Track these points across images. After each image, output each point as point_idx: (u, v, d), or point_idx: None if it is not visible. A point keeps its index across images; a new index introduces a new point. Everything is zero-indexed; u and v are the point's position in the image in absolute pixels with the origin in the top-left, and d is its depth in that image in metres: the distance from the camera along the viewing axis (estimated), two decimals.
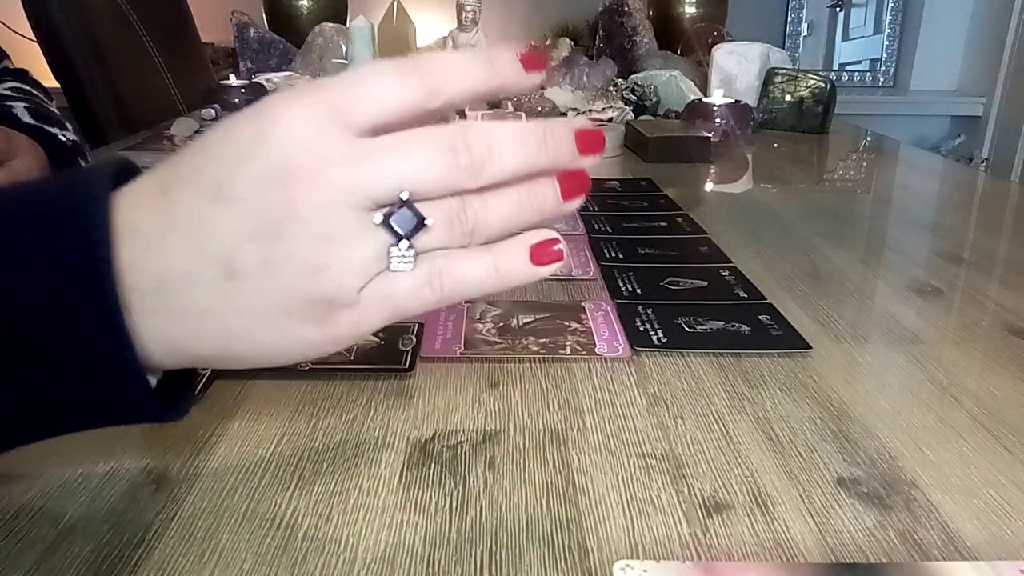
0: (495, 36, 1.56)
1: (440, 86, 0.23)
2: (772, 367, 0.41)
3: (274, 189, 0.22)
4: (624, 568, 0.25)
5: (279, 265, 0.23)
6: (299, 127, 0.23)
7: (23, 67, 0.80)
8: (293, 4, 1.92)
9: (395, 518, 0.29)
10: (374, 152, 0.23)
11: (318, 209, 0.22)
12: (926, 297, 0.51)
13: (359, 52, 1.35)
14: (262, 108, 0.23)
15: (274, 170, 0.22)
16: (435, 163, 0.23)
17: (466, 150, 0.23)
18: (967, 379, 0.40)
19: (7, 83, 0.73)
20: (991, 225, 0.72)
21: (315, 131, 0.23)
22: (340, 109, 0.23)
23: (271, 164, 0.22)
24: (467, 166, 0.23)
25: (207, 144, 0.24)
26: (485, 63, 0.24)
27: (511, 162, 0.24)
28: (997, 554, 0.27)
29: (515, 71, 0.24)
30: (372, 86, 0.23)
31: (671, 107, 1.26)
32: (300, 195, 0.22)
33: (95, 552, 0.26)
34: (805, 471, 0.32)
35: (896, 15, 2.48)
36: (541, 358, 0.41)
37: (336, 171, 0.22)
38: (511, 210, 0.25)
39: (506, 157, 0.24)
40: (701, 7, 1.93)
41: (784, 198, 0.82)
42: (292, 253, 0.22)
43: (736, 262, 0.57)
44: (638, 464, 0.32)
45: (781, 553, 0.27)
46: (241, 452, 0.32)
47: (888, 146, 1.18)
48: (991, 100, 2.30)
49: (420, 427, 0.35)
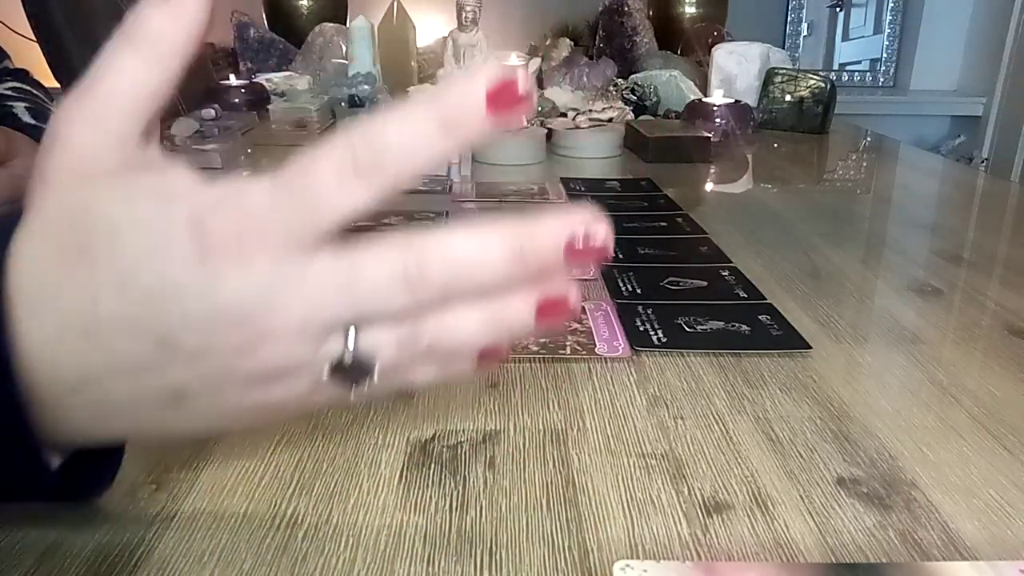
0: (495, 36, 1.56)
1: (392, 181, 0.21)
2: (772, 367, 0.41)
3: (224, 335, 0.21)
4: (624, 568, 0.25)
5: (226, 389, 0.23)
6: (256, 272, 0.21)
7: (23, 67, 0.80)
8: (293, 4, 1.92)
9: (395, 518, 0.29)
10: (326, 288, 0.21)
11: (270, 350, 0.22)
12: (926, 297, 0.51)
13: (359, 52, 1.35)
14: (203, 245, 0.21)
15: (224, 316, 0.21)
16: (388, 299, 0.21)
17: (422, 281, 0.21)
18: (967, 379, 0.40)
19: (8, 83, 0.73)
20: (991, 225, 0.72)
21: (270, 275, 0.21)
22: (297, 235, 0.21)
23: (220, 311, 0.21)
24: (425, 300, 0.22)
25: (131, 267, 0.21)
26: (438, 135, 0.21)
27: (477, 287, 0.22)
28: (997, 554, 0.27)
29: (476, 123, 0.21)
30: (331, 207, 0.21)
31: (671, 107, 1.26)
32: (252, 340, 0.21)
33: (95, 552, 0.26)
34: (805, 471, 0.32)
35: (896, 15, 2.48)
36: (541, 358, 0.41)
37: (290, 312, 0.21)
38: (472, 335, 0.23)
39: (472, 282, 0.22)
40: (701, 7, 1.92)
41: (784, 198, 0.82)
42: (244, 380, 0.22)
43: (736, 262, 0.57)
44: (638, 464, 0.32)
45: (781, 553, 0.27)
46: (241, 452, 0.32)
47: (888, 146, 1.18)
48: (991, 100, 2.30)
49: (420, 427, 0.35)
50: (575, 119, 1.05)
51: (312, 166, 0.21)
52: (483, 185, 0.82)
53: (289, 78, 1.44)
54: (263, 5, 1.95)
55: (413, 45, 1.50)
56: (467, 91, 0.21)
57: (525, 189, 0.80)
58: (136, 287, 0.21)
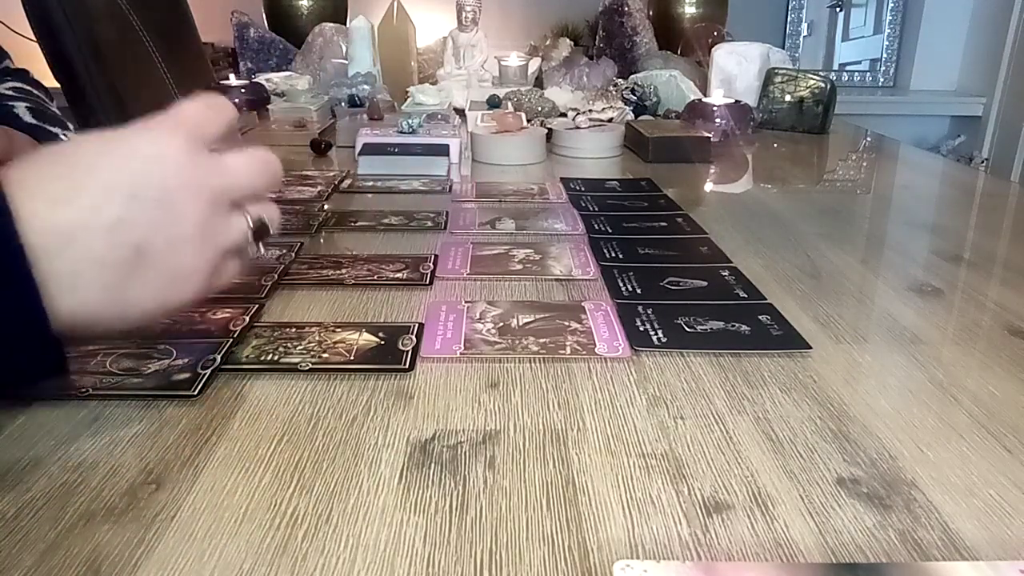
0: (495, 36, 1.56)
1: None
2: (772, 367, 0.41)
3: (178, 191, 0.31)
4: (624, 568, 0.25)
5: (179, 248, 0.32)
6: (181, 151, 0.32)
7: (23, 67, 0.80)
8: (293, 4, 1.92)
9: (395, 518, 0.29)
10: (228, 170, 0.34)
11: (204, 208, 0.32)
12: (926, 297, 0.51)
13: (359, 52, 1.35)
14: (150, 135, 0.32)
15: (176, 179, 0.32)
16: (262, 178, 0.36)
17: (275, 169, 0.37)
18: (967, 379, 0.40)
19: (8, 83, 0.73)
20: (991, 225, 0.72)
21: (192, 154, 0.33)
22: (197, 135, 0.33)
23: (175, 174, 0.31)
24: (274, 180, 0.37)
25: (104, 151, 0.31)
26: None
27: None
28: (997, 554, 0.27)
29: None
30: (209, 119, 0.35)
31: (671, 107, 1.26)
32: (191, 198, 0.32)
33: (95, 552, 0.26)
34: (805, 471, 0.32)
35: (896, 15, 2.48)
36: (541, 358, 0.41)
37: (211, 182, 0.33)
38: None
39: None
40: (701, 7, 1.92)
41: (784, 198, 0.82)
42: (191, 236, 0.32)
43: (736, 262, 0.57)
44: (638, 464, 0.32)
45: (781, 553, 0.27)
46: (241, 452, 0.32)
47: (888, 146, 1.18)
48: (991, 100, 2.31)
49: (420, 427, 0.35)
50: (575, 119, 1.05)
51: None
52: (483, 185, 0.82)
53: (289, 78, 1.44)
54: (263, 5, 1.96)
55: (413, 45, 1.50)
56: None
57: (525, 189, 0.80)
58: (105, 162, 0.30)
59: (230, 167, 0.34)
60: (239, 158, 0.35)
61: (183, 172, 0.32)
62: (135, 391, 0.37)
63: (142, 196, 0.30)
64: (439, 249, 0.59)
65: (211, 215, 0.33)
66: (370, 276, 0.53)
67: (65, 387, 0.33)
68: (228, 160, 0.34)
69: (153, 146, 0.31)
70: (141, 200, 0.30)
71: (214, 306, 0.46)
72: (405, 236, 0.64)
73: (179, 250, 0.31)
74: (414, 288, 0.51)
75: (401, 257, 0.57)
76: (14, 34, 1.64)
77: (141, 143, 0.31)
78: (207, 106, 0.35)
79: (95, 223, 0.29)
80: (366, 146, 0.89)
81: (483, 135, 0.96)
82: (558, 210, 0.71)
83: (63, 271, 0.28)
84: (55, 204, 0.28)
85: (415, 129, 0.94)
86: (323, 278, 0.53)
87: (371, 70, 1.34)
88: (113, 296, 0.30)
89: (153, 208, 0.30)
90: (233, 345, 0.42)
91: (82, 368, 0.39)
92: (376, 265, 0.55)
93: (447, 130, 0.97)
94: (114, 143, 0.31)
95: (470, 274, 0.54)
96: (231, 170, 0.34)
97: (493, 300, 0.49)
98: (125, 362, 0.39)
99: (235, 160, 0.35)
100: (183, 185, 0.31)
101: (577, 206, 0.72)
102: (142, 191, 0.30)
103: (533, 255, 0.58)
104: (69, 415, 0.35)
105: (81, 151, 0.31)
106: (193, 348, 0.41)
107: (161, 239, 0.31)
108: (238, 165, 0.35)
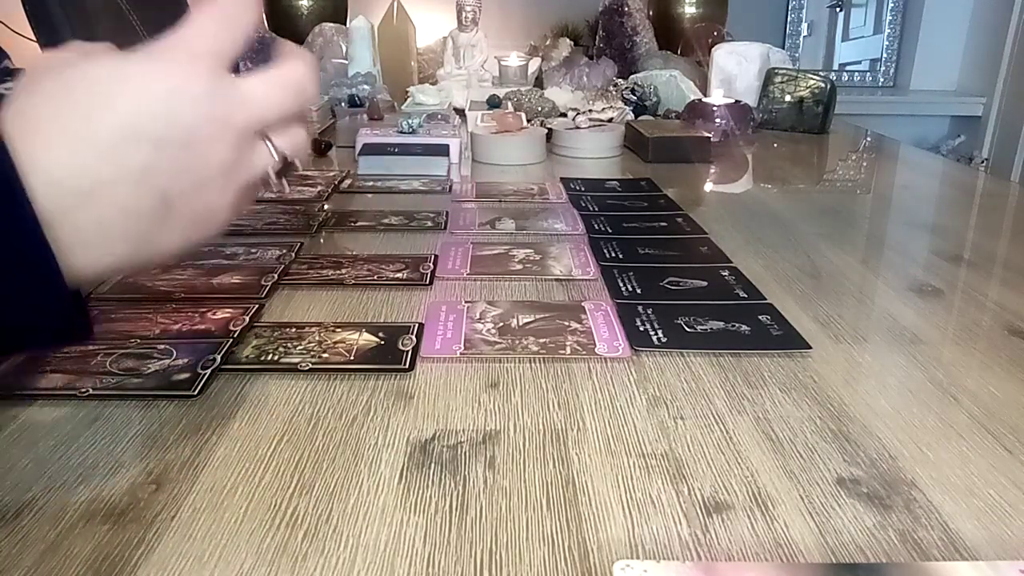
0: (495, 36, 1.56)
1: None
2: (772, 367, 0.41)
3: (201, 129, 0.29)
4: (624, 568, 0.25)
5: (203, 188, 0.30)
6: (203, 85, 0.29)
7: (23, 67, 0.80)
8: (293, 4, 1.92)
9: (395, 518, 0.29)
10: (254, 100, 0.31)
11: (229, 146, 0.30)
12: (926, 297, 0.51)
13: (359, 52, 1.35)
14: (168, 69, 0.29)
15: (200, 118, 0.29)
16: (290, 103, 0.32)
17: (305, 88, 0.33)
18: (967, 379, 0.40)
19: (8, 83, 0.73)
20: (991, 225, 0.72)
21: (215, 87, 0.29)
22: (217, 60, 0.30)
23: (198, 112, 0.29)
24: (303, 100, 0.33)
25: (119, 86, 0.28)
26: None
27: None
28: (997, 554, 0.27)
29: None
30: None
31: (671, 107, 1.26)
32: (218, 135, 0.29)
33: (95, 552, 0.26)
34: (805, 471, 0.32)
35: (896, 15, 2.48)
36: (541, 358, 0.41)
37: (236, 117, 0.30)
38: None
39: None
40: (701, 7, 1.92)
41: (784, 198, 0.82)
42: (215, 175, 0.30)
43: (736, 262, 0.57)
44: (638, 464, 0.32)
45: (781, 553, 0.27)
46: (241, 452, 0.32)
47: (888, 146, 1.18)
48: (991, 100, 2.30)
49: (420, 427, 0.35)
50: (575, 119, 1.05)
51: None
52: (483, 185, 0.82)
53: None
54: (263, 5, 1.95)
55: (413, 45, 1.50)
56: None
57: (525, 189, 0.80)
58: (124, 101, 0.27)
59: (256, 96, 0.31)
60: (265, 84, 0.32)
61: (206, 110, 0.29)
62: (135, 391, 0.37)
63: (166, 140, 0.28)
64: (439, 249, 0.59)
65: (236, 151, 0.31)
66: (370, 276, 0.53)
67: (87, 338, 0.30)
68: (254, 88, 0.31)
69: (173, 82, 0.28)
70: (166, 144, 0.28)
71: (214, 306, 0.46)
72: (405, 236, 0.64)
73: (204, 190, 0.30)
74: (414, 288, 0.51)
75: (401, 257, 0.57)
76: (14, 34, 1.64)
77: (159, 78, 0.28)
78: (224, 20, 0.31)
79: (120, 174, 0.27)
80: (366, 146, 0.89)
81: (483, 135, 0.96)
82: (558, 210, 0.71)
83: (86, 227, 0.27)
84: (73, 153, 0.26)
85: (415, 129, 0.94)
86: (323, 278, 0.53)
87: (371, 70, 1.34)
88: (138, 243, 0.29)
89: (178, 152, 0.28)
90: (233, 345, 0.42)
91: (82, 368, 0.39)
92: (376, 265, 0.55)
93: (447, 130, 0.97)
94: (129, 77, 0.28)
95: (470, 274, 0.54)
96: (257, 99, 0.31)
97: (493, 300, 0.49)
98: (125, 362, 0.39)
99: (261, 87, 0.31)
100: (209, 123, 0.29)
101: (577, 206, 0.72)
102: (166, 134, 0.28)
103: (533, 255, 0.58)
104: (69, 415, 0.35)
105: (91, 83, 0.27)
106: (193, 348, 0.41)
107: (186, 182, 0.29)
108: (264, 93, 0.31)
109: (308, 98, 0.33)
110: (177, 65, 0.29)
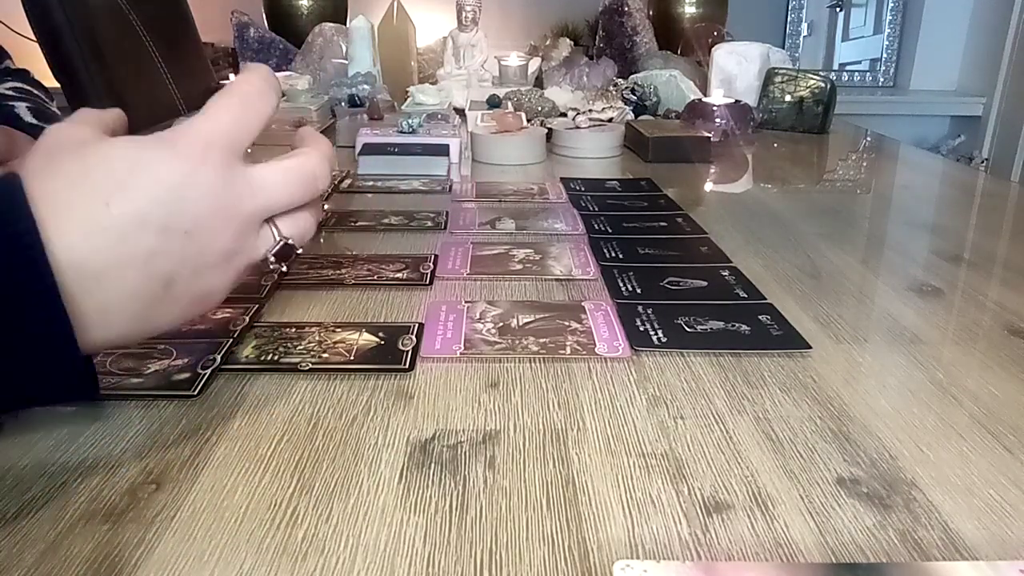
0: (495, 36, 1.56)
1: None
2: (772, 367, 0.41)
3: (207, 219, 0.30)
4: (624, 568, 0.25)
5: (204, 272, 0.31)
6: (213, 176, 0.30)
7: (23, 67, 0.80)
8: (293, 4, 1.92)
9: (395, 518, 0.29)
10: (264, 190, 0.32)
11: (234, 231, 0.31)
12: (926, 297, 0.51)
13: (359, 52, 1.35)
14: (182, 157, 0.30)
15: (207, 209, 0.30)
16: (300, 194, 0.34)
17: (315, 182, 0.34)
18: (967, 379, 0.40)
19: (8, 83, 0.73)
20: (991, 225, 0.72)
21: (225, 178, 0.31)
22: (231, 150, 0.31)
23: (208, 203, 0.30)
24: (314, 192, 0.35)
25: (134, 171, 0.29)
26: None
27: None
28: (997, 554, 0.27)
29: None
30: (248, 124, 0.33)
31: (671, 107, 1.26)
32: (223, 225, 0.31)
33: (95, 552, 0.26)
34: (805, 471, 0.32)
35: (896, 15, 2.48)
36: (541, 358, 0.41)
37: (243, 207, 0.32)
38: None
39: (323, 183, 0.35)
40: (701, 7, 1.93)
41: (784, 198, 0.82)
42: (215, 260, 0.31)
43: (736, 262, 0.57)
44: (638, 464, 0.32)
45: (781, 553, 0.27)
46: (241, 452, 0.32)
47: (888, 146, 1.18)
48: (991, 100, 2.31)
49: (420, 427, 0.35)
50: (575, 119, 1.05)
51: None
52: (483, 185, 0.82)
53: (289, 78, 1.44)
54: (263, 5, 1.96)
55: (413, 45, 1.50)
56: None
57: (525, 189, 0.80)
58: (136, 189, 0.28)
59: (267, 185, 0.32)
60: (278, 173, 0.33)
61: (213, 200, 0.30)
62: (135, 391, 0.37)
63: (174, 227, 0.29)
64: (439, 249, 0.59)
65: (241, 237, 0.32)
66: (370, 276, 0.53)
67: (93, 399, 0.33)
68: (267, 176, 0.32)
69: (184, 171, 0.29)
70: (173, 232, 0.29)
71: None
72: (405, 236, 0.64)
73: (206, 274, 0.31)
74: (414, 288, 0.51)
75: (401, 257, 0.57)
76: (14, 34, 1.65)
77: (172, 168, 0.29)
78: (240, 109, 0.32)
79: (128, 258, 0.28)
80: (366, 146, 0.89)
81: (483, 135, 0.96)
82: (558, 210, 0.71)
83: (95, 308, 0.28)
84: (88, 236, 0.27)
85: (415, 129, 0.94)
86: (323, 278, 0.53)
87: (371, 70, 1.34)
88: (138, 322, 0.30)
89: (184, 239, 0.29)
90: (233, 345, 0.42)
91: None
92: (376, 265, 0.55)
93: (447, 130, 0.97)
94: (144, 164, 0.29)
95: (470, 274, 0.54)
96: (267, 189, 0.32)
97: (493, 300, 0.49)
98: (125, 362, 0.39)
99: (273, 176, 0.33)
100: (215, 213, 0.30)
101: (577, 206, 0.72)
102: (174, 222, 0.29)
103: (533, 255, 0.58)
104: (69, 415, 0.35)
105: (109, 169, 0.29)
106: (193, 348, 0.41)
107: (190, 268, 0.30)
108: (276, 182, 0.33)
109: (320, 189, 0.35)
110: (190, 155, 0.30)
